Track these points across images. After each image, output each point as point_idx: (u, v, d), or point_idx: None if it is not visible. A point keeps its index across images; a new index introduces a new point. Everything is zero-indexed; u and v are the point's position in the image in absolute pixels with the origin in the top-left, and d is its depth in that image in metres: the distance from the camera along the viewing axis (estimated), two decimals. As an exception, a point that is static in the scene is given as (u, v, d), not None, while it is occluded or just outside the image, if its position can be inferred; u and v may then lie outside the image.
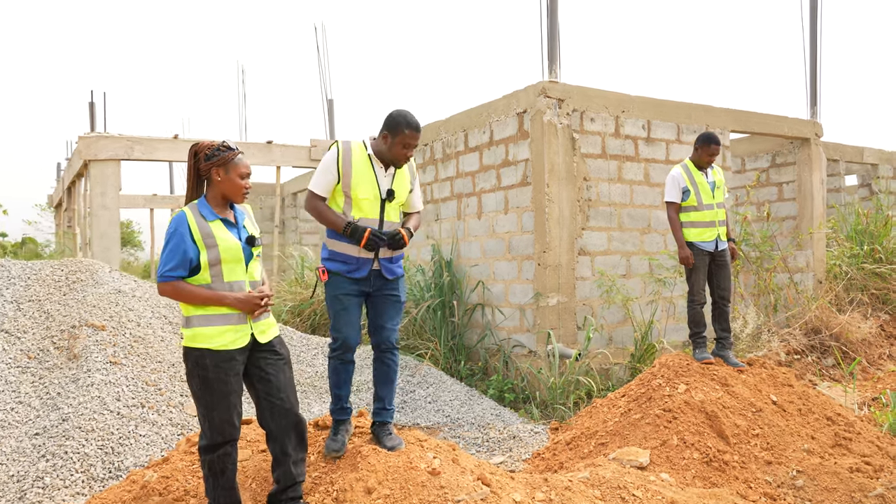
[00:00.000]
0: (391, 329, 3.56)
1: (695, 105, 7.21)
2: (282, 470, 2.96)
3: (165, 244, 2.84)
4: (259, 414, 2.97)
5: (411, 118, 3.39)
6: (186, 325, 2.85)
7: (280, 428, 2.94)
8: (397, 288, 3.59)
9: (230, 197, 2.96)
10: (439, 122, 7.70)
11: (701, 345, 5.20)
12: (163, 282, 2.79)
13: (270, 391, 2.93)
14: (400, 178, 3.54)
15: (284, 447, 2.95)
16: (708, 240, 5.17)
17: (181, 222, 2.84)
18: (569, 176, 6.25)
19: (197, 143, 2.95)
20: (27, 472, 4.24)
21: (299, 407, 3.02)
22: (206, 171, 2.92)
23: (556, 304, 6.11)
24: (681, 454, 4.15)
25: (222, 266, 2.86)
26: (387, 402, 3.60)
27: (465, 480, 3.18)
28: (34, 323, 5.76)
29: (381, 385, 3.61)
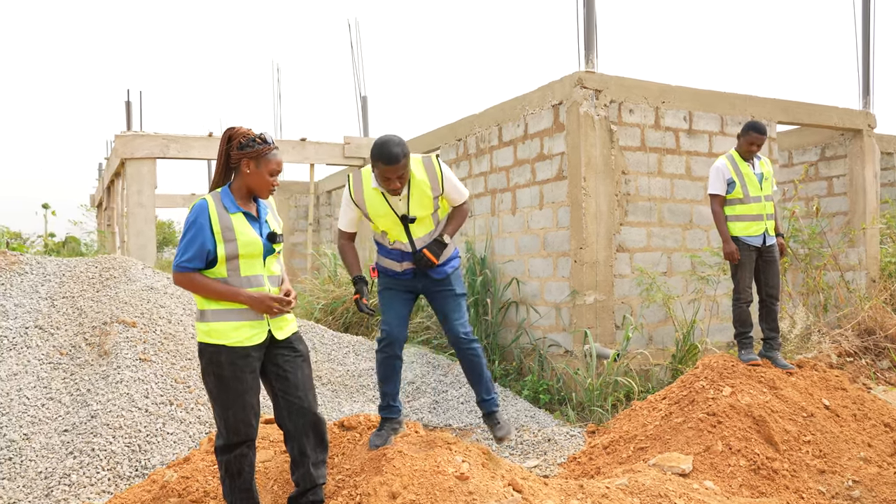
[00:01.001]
0: (456, 320, 3.49)
1: (739, 95, 6.91)
2: (301, 472, 2.83)
3: (184, 233, 2.72)
4: (276, 413, 2.85)
5: (385, 150, 3.12)
6: (201, 319, 2.74)
7: (297, 427, 2.81)
8: (451, 283, 3.52)
9: (256, 192, 2.83)
10: (472, 116, 7.54)
11: (747, 345, 4.93)
12: (178, 272, 2.69)
13: (288, 389, 2.80)
14: (417, 194, 3.35)
15: (303, 447, 2.82)
16: (755, 234, 4.90)
17: (202, 212, 2.72)
18: (606, 169, 6.03)
19: (233, 128, 2.81)
20: (55, 469, 4.22)
21: (318, 406, 2.88)
22: (237, 161, 2.79)
23: (594, 303, 5.90)
24: (726, 461, 3.91)
25: (240, 261, 2.74)
26: (483, 392, 3.57)
27: (494, 486, 3.01)
28: (67, 319, 5.78)
29: (469, 378, 3.59)
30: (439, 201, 3.43)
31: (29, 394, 4.90)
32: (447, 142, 8.06)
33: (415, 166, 3.35)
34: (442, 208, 3.48)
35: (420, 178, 3.35)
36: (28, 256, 6.66)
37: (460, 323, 3.50)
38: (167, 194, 15.79)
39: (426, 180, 3.36)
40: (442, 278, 3.50)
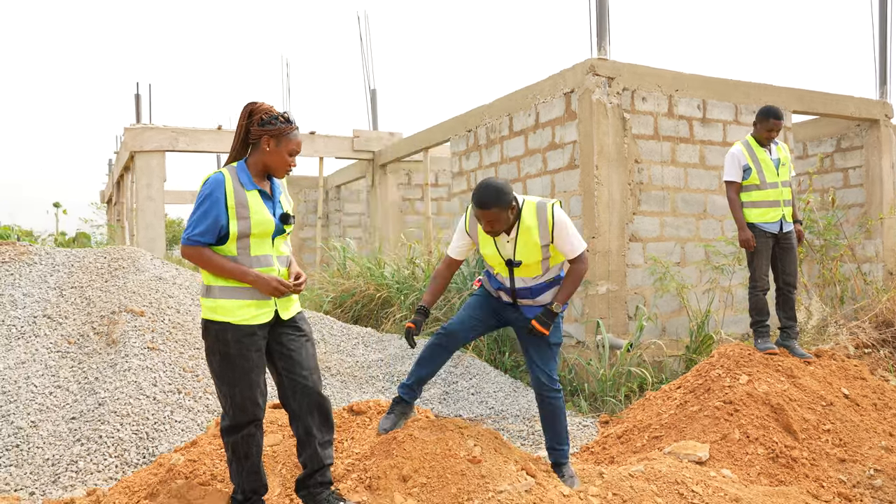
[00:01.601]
0: (542, 367, 3.40)
1: (753, 84, 6.80)
2: (308, 453, 2.76)
3: (198, 205, 2.63)
4: (281, 393, 2.78)
5: (478, 193, 3.13)
6: (206, 295, 2.67)
7: (302, 407, 2.75)
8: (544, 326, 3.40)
9: (272, 171, 2.76)
10: (483, 106, 7.47)
11: (763, 334, 4.84)
12: (188, 245, 2.61)
13: (292, 368, 2.74)
14: (524, 240, 3.27)
15: (308, 427, 2.75)
16: (771, 221, 4.80)
17: (218, 185, 2.63)
18: (619, 158, 5.94)
19: (254, 103, 2.73)
20: (62, 456, 4.18)
21: (323, 386, 2.81)
22: (256, 137, 2.71)
23: (606, 293, 5.81)
24: (743, 449, 3.82)
25: (251, 240, 2.68)
26: (554, 441, 3.45)
27: (507, 470, 2.94)
28: (75, 309, 5.75)
29: (543, 424, 3.51)
30: (550, 250, 3.31)
31: (37, 382, 4.87)
32: (457, 133, 8.00)
33: (526, 211, 3.28)
34: (554, 256, 3.36)
35: (529, 223, 3.26)
36: (37, 247, 6.65)
37: (545, 370, 3.41)
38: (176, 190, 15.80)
39: (535, 227, 3.26)
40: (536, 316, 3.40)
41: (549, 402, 3.41)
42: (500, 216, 3.14)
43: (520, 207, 3.30)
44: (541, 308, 3.40)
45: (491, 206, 3.11)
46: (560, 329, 3.46)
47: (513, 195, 3.20)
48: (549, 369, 3.39)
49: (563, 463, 3.38)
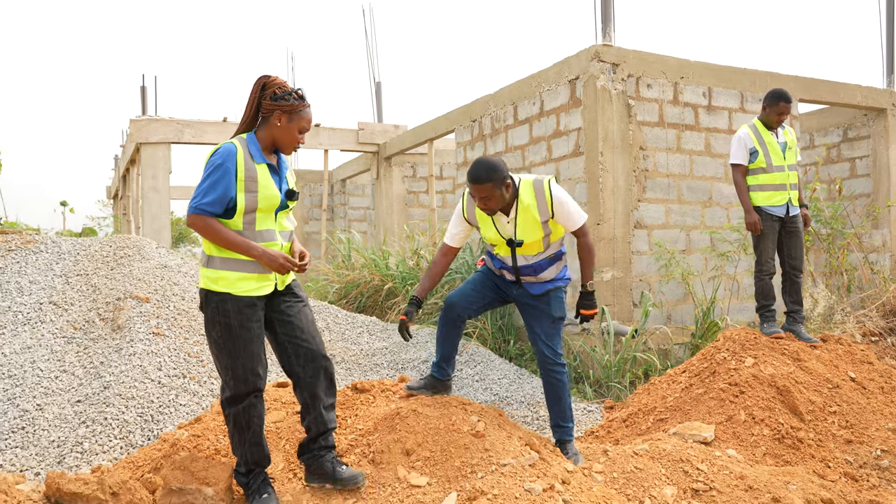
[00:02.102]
0: (545, 343, 3.43)
1: (760, 71, 6.77)
2: (313, 416, 2.76)
3: (207, 175, 2.60)
4: (283, 360, 2.77)
5: (472, 168, 3.17)
6: (207, 265, 2.67)
7: (307, 371, 2.74)
8: (548, 302, 3.44)
9: (281, 146, 2.75)
10: (487, 96, 7.45)
11: (769, 318, 4.81)
12: (196, 214, 2.57)
13: (294, 332, 2.73)
14: (524, 218, 3.28)
15: (314, 391, 2.75)
16: (777, 204, 4.78)
17: (229, 156, 2.60)
18: (624, 144, 5.92)
19: (268, 77, 2.71)
20: (67, 438, 4.19)
21: (325, 349, 2.81)
22: (268, 111, 2.69)
23: (611, 279, 5.79)
24: (749, 430, 3.81)
25: (257, 214, 2.66)
26: (558, 418, 3.46)
27: (511, 445, 2.93)
28: (81, 296, 5.77)
29: (548, 400, 3.52)
30: (550, 226, 3.32)
31: (42, 366, 4.89)
32: (461, 124, 7.99)
33: (524, 190, 3.28)
34: (554, 232, 3.37)
35: (528, 201, 3.27)
36: (43, 236, 6.67)
37: (549, 344, 3.43)
38: (182, 186, 15.84)
39: (534, 204, 3.26)
40: (539, 294, 3.43)
41: (554, 377, 3.41)
42: (494, 192, 3.14)
43: (516, 186, 3.29)
44: (544, 284, 3.41)
45: (484, 181, 3.11)
46: (563, 304, 3.47)
47: (507, 172, 3.21)
48: (553, 343, 3.40)
49: (568, 440, 3.38)
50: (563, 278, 3.48)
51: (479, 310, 3.54)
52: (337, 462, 2.75)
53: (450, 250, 3.50)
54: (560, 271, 3.46)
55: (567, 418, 3.43)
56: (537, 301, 3.43)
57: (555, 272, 3.41)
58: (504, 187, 3.17)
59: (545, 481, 2.73)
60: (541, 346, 3.41)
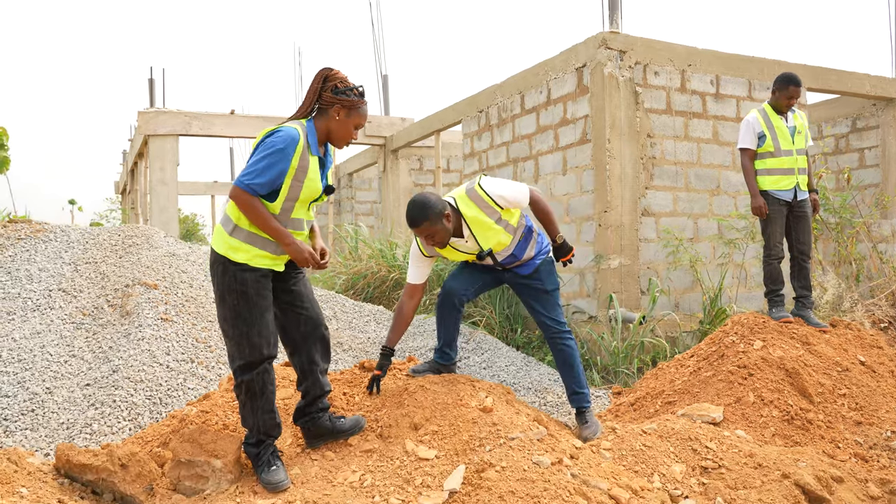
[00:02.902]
0: (546, 315, 3.45)
1: (767, 60, 6.74)
2: (311, 380, 2.82)
3: (265, 154, 2.58)
4: (284, 327, 2.82)
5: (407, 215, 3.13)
6: (231, 233, 2.68)
7: (305, 337, 2.81)
8: (540, 277, 3.45)
9: (334, 140, 2.77)
10: (494, 86, 7.45)
11: (778, 303, 4.79)
12: (246, 191, 2.57)
13: (295, 301, 2.80)
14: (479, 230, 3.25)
15: (311, 355, 2.81)
16: (785, 188, 4.76)
17: (292, 143, 2.60)
18: (631, 132, 5.91)
19: (330, 70, 2.73)
20: (76, 420, 4.21)
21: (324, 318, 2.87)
22: (328, 104, 2.70)
23: (619, 267, 5.78)
24: (758, 412, 3.79)
25: (296, 203, 2.69)
26: (574, 384, 3.48)
27: (519, 420, 2.93)
28: (90, 283, 5.79)
29: (561, 371, 3.53)
30: (505, 217, 3.29)
31: (52, 351, 4.91)
32: (468, 114, 7.99)
33: (463, 205, 3.25)
34: (511, 218, 3.35)
35: (472, 214, 3.24)
36: (52, 225, 6.70)
37: (551, 316, 3.45)
38: (190, 181, 15.88)
39: (479, 214, 3.23)
40: (529, 273, 3.44)
41: (561, 346, 3.43)
42: (435, 228, 3.09)
43: (456, 207, 3.25)
44: (530, 262, 3.42)
45: (421, 222, 3.07)
46: (555, 276, 3.50)
47: (440, 204, 3.12)
48: (553, 314, 3.43)
49: (586, 408, 3.41)
50: (544, 249, 3.50)
51: (477, 292, 3.54)
52: (335, 418, 2.81)
53: (415, 290, 3.41)
54: (538, 244, 3.48)
55: (582, 384, 3.46)
56: (529, 279, 3.45)
57: (534, 247, 3.43)
58: (443, 219, 3.11)
59: (553, 455, 2.73)
60: (543, 318, 3.44)
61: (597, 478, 2.71)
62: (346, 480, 2.59)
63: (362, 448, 2.79)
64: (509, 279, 3.50)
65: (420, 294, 3.41)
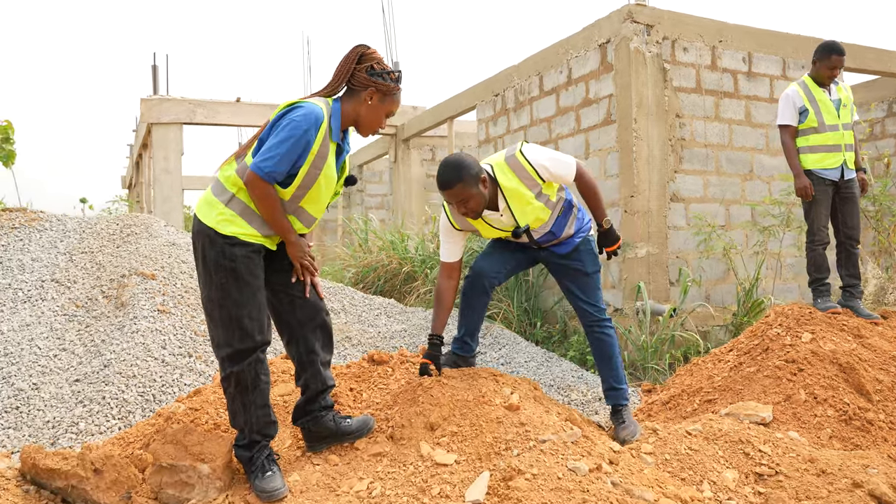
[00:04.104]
0: (584, 300, 3.10)
1: (802, 37, 6.34)
2: (311, 372, 2.45)
3: (286, 136, 2.25)
4: (278, 312, 2.47)
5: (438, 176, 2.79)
6: (226, 203, 2.34)
7: (302, 323, 2.45)
8: (580, 257, 3.08)
9: (361, 126, 2.44)
10: (511, 68, 7.08)
11: (824, 293, 4.40)
12: (264, 179, 2.24)
13: (289, 281, 2.45)
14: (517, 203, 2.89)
15: (310, 345, 2.45)
16: (831, 167, 4.36)
17: (315, 125, 2.28)
18: (659, 111, 5.52)
19: (366, 47, 2.40)
20: (62, 418, 3.88)
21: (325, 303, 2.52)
22: (361, 86, 2.38)
23: (646, 256, 5.40)
24: (811, 411, 3.41)
25: (309, 192, 2.36)
26: (611, 379, 3.12)
27: (550, 420, 2.57)
28: (85, 273, 5.49)
29: (598, 363, 3.17)
30: (545, 191, 2.93)
31: (41, 344, 4.60)
32: (483, 99, 7.62)
33: (500, 174, 2.88)
34: (551, 193, 2.98)
35: (511, 184, 2.87)
36: (48, 214, 6.41)
37: (589, 301, 3.09)
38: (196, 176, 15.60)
39: (519, 186, 2.86)
40: (567, 252, 3.08)
41: (600, 336, 3.07)
42: (469, 192, 2.74)
43: (492, 176, 2.90)
44: (569, 241, 3.06)
45: (454, 184, 2.72)
46: (595, 255, 3.13)
47: (477, 166, 2.78)
48: (593, 299, 3.06)
49: (623, 406, 3.04)
50: (585, 226, 3.14)
51: (509, 273, 3.19)
52: (340, 417, 2.45)
53: (451, 268, 3.05)
54: (578, 221, 3.11)
55: (621, 379, 3.10)
56: (567, 260, 3.09)
57: (574, 224, 3.08)
58: (479, 183, 2.77)
59: (591, 460, 2.37)
60: (581, 304, 3.09)
61: (640, 486, 2.35)
62: (352, 489, 2.24)
63: (371, 452, 2.43)
64: (545, 258, 3.14)
65: (458, 273, 3.06)
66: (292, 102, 2.34)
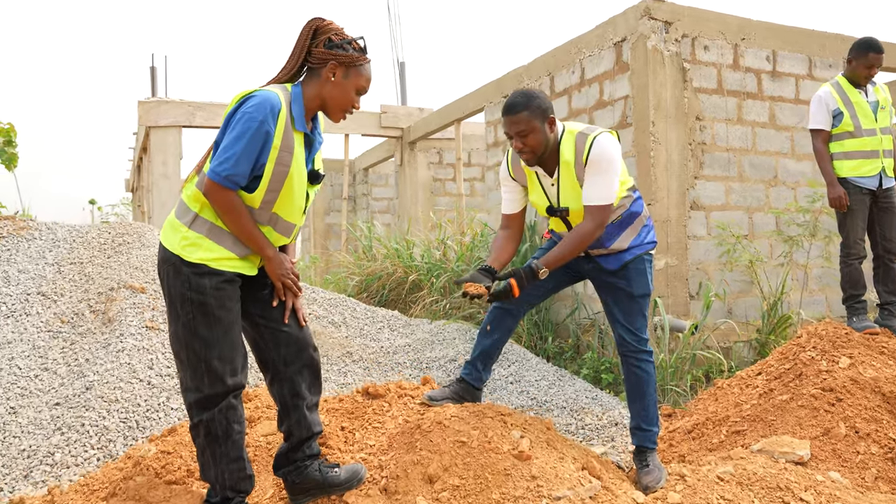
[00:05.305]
0: (625, 326, 2.77)
1: (829, 34, 5.99)
2: (295, 418, 2.16)
3: (240, 133, 1.97)
4: (259, 347, 2.17)
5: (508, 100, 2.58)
6: (191, 225, 2.04)
7: (287, 362, 2.16)
8: (627, 276, 2.76)
9: (329, 109, 2.14)
10: (520, 68, 6.77)
11: (860, 311, 4.07)
12: (223, 185, 1.96)
13: (272, 314, 2.14)
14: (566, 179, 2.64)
15: (296, 387, 2.15)
16: (868, 174, 4.03)
17: (272, 115, 1.99)
18: (678, 114, 5.20)
19: (322, 20, 2.11)
20: (39, 447, 3.61)
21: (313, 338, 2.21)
22: (320, 61, 2.09)
23: (664, 268, 5.08)
24: (853, 447, 3.09)
25: (281, 194, 2.07)
26: (640, 419, 2.81)
27: (565, 469, 2.26)
28: (73, 286, 5.22)
29: (628, 396, 2.86)
30: None
31: (21, 363, 4.34)
32: (492, 100, 7.32)
33: (565, 142, 2.62)
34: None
35: (567, 157, 2.60)
36: (38, 222, 6.15)
37: (629, 327, 2.77)
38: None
39: (572, 162, 2.60)
40: (615, 269, 2.77)
41: (636, 367, 2.75)
42: (532, 125, 2.51)
43: (559, 135, 2.65)
44: (619, 256, 2.74)
45: (519, 110, 2.50)
46: (647, 278, 2.79)
47: (550, 106, 2.57)
48: (633, 326, 2.74)
49: (649, 449, 2.72)
50: (643, 244, 2.80)
51: (546, 293, 2.90)
52: (326, 467, 2.15)
53: (509, 220, 2.84)
54: (638, 236, 2.77)
55: (652, 420, 2.78)
56: (614, 277, 2.77)
57: (630, 238, 2.74)
58: (546, 122, 2.55)
59: (612, 520, 2.06)
60: (619, 329, 2.79)
61: (670, 550, 2.04)
62: (337, 556, 1.95)
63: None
64: (591, 272, 2.84)
65: (517, 224, 2.83)
66: (244, 94, 2.04)
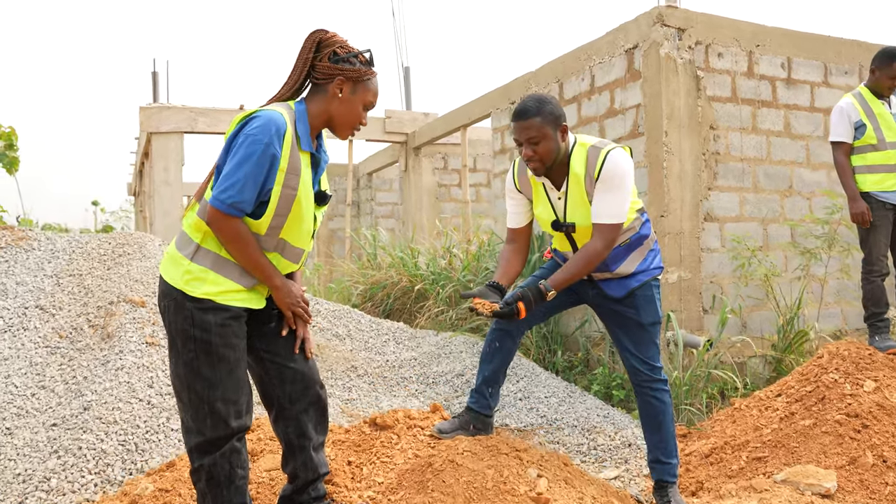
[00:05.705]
0: (636, 355, 2.66)
1: (846, 40, 5.86)
2: (301, 460, 2.05)
3: (245, 156, 1.86)
4: (263, 383, 2.07)
5: (519, 104, 2.50)
6: (192, 257, 1.93)
7: (293, 400, 2.06)
8: (635, 305, 2.64)
9: (336, 126, 2.03)
10: (528, 74, 6.65)
11: (882, 330, 3.95)
12: (228, 214, 1.86)
13: (278, 349, 2.03)
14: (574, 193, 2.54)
15: (302, 426, 2.04)
16: (892, 189, 3.91)
17: (279, 135, 1.88)
18: (692, 123, 5.07)
19: (325, 32, 2.00)
20: (35, 471, 3.50)
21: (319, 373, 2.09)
22: (326, 77, 1.98)
23: (678, 281, 4.95)
24: (881, 478, 2.95)
25: (288, 219, 1.96)
26: (658, 452, 2.69)
27: (586, 513, 2.13)
28: (72, 299, 5.11)
29: (644, 427, 2.74)
30: None
31: (18, 381, 4.22)
32: (498, 106, 7.20)
33: (576, 155, 2.52)
34: None
35: (577, 171, 2.50)
36: (37, 232, 6.05)
37: (641, 357, 2.65)
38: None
39: (582, 176, 2.50)
40: (620, 296, 2.65)
41: (650, 398, 2.63)
42: (544, 132, 2.41)
43: (570, 146, 2.55)
44: (625, 282, 2.62)
45: (532, 115, 2.41)
46: (656, 305, 2.66)
47: (563, 114, 2.48)
48: (646, 355, 2.62)
49: (669, 483, 2.60)
50: (650, 269, 2.68)
51: (545, 315, 2.79)
52: None
53: (514, 234, 2.75)
54: (644, 260, 2.65)
55: (670, 453, 2.66)
56: (620, 305, 2.65)
57: (636, 262, 2.63)
58: (558, 130, 2.45)
59: (637, 570, 1.93)
60: (630, 359, 2.66)
61: None
62: None
63: None
64: (594, 299, 2.72)
65: (523, 238, 2.75)
66: (246, 114, 1.93)
